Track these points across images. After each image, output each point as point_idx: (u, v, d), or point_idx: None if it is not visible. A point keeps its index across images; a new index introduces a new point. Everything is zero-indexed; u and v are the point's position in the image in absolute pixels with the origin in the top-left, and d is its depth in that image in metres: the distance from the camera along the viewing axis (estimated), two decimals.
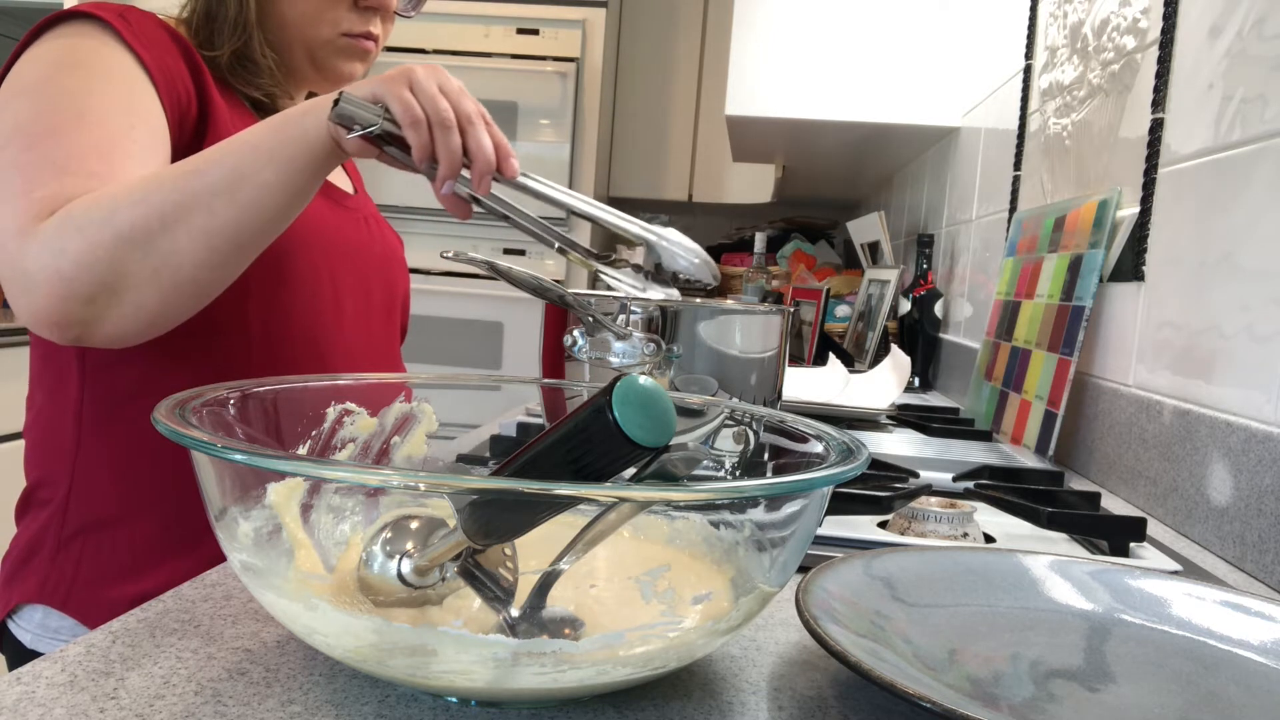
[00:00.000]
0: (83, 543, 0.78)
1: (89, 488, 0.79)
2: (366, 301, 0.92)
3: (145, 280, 0.66)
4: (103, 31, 0.75)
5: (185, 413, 0.41)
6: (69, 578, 0.78)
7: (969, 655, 0.45)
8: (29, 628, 0.79)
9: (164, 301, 0.68)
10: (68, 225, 0.65)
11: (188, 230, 0.66)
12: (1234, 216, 0.79)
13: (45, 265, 0.65)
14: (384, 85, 0.70)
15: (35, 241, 0.65)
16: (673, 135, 3.25)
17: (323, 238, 0.86)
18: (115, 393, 0.79)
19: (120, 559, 0.78)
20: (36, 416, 0.83)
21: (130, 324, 0.68)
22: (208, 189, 0.67)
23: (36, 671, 0.39)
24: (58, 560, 0.78)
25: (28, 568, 0.79)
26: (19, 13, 2.80)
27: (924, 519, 0.67)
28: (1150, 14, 1.00)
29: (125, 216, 0.65)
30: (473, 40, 2.83)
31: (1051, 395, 1.07)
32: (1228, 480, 0.74)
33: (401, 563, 0.40)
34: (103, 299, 0.66)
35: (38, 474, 0.82)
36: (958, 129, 1.88)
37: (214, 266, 0.69)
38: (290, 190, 0.69)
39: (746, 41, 1.93)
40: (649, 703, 0.40)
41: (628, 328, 0.74)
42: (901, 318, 1.83)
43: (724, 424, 0.55)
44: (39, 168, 0.68)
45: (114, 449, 0.79)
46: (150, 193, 0.66)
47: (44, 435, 0.82)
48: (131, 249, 0.65)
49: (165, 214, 0.66)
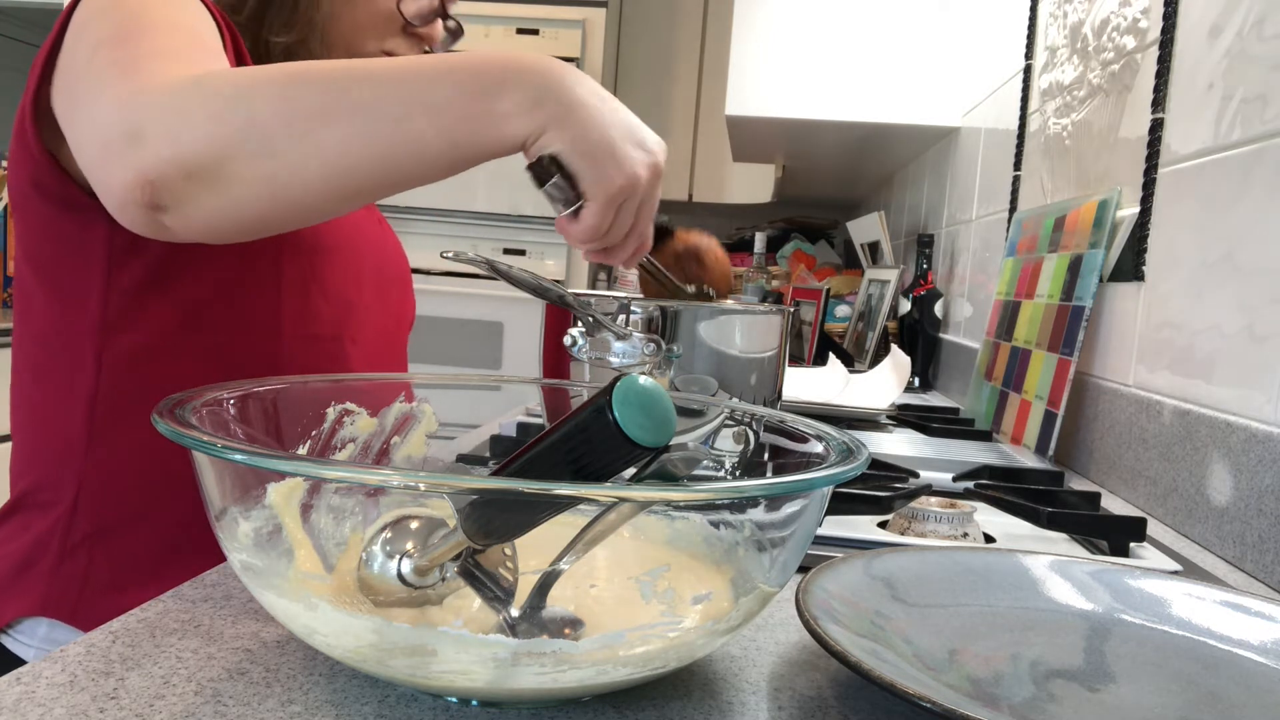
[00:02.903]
0: (91, 549, 0.75)
1: (101, 490, 0.76)
2: (385, 302, 0.92)
3: (255, 182, 0.59)
4: None
5: (185, 413, 0.41)
6: (77, 588, 0.74)
7: (969, 655, 0.45)
8: (31, 643, 0.75)
9: (264, 212, 0.61)
10: (196, 90, 0.58)
11: (321, 154, 0.59)
12: (1234, 216, 0.79)
13: (161, 121, 0.57)
14: (605, 185, 0.60)
15: (157, 96, 0.58)
16: (673, 135, 3.25)
17: (352, 239, 0.86)
18: (136, 389, 0.76)
19: (136, 563, 0.75)
20: (32, 416, 0.79)
21: (218, 219, 0.60)
22: (363, 124, 0.59)
23: (36, 671, 0.39)
24: (62, 570, 0.75)
25: (25, 579, 0.75)
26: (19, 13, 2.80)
27: (924, 519, 0.67)
28: (1150, 14, 1.00)
29: (263, 105, 0.58)
30: (473, 40, 2.83)
31: (1051, 395, 1.07)
32: (1228, 480, 0.74)
33: (401, 563, 0.40)
34: (203, 178, 0.58)
35: (33, 477, 0.78)
36: (958, 129, 1.88)
37: (330, 199, 0.62)
38: (448, 166, 0.62)
39: (746, 41, 1.93)
40: (649, 703, 0.40)
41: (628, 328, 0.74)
42: (901, 318, 1.83)
43: (724, 424, 0.55)
44: (137, 56, 0.62)
45: (132, 448, 0.76)
46: (297, 92, 0.59)
47: (44, 436, 0.78)
48: (259, 144, 0.58)
49: (309, 124, 0.58)
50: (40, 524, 0.76)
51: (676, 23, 3.22)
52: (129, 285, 0.75)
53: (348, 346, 0.86)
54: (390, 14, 0.87)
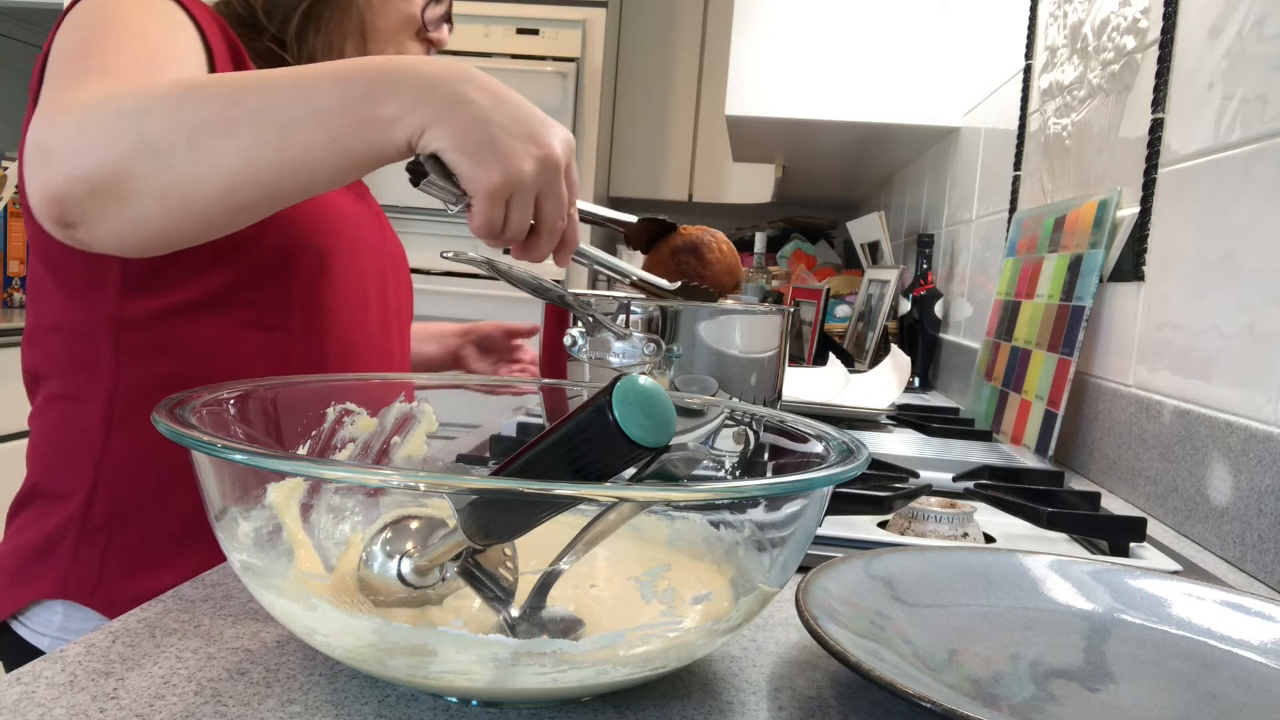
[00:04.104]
0: (108, 536, 0.76)
1: (117, 479, 0.77)
2: (386, 299, 0.93)
3: (153, 196, 0.60)
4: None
5: (185, 412, 0.41)
6: (95, 570, 0.76)
7: (969, 655, 0.45)
8: (47, 631, 0.76)
9: (167, 223, 0.62)
10: (98, 106, 0.61)
11: (212, 165, 0.60)
12: (1234, 216, 0.79)
13: (63, 139, 0.60)
14: (484, 180, 0.60)
15: (64, 115, 0.61)
16: (673, 135, 3.25)
17: (356, 236, 0.87)
18: (152, 384, 0.77)
19: (152, 548, 0.76)
20: (48, 408, 0.80)
21: (128, 233, 0.63)
22: (252, 134, 0.59)
23: (36, 671, 0.39)
24: (80, 553, 0.76)
25: (43, 564, 0.77)
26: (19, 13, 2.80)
27: (924, 519, 0.67)
28: (1150, 14, 1.00)
29: (154, 121, 0.59)
30: (473, 40, 2.83)
31: (1051, 395, 1.07)
32: (1228, 480, 0.74)
33: (401, 563, 0.40)
34: (104, 193, 0.60)
35: (50, 468, 0.80)
36: (958, 129, 1.88)
37: (229, 210, 0.63)
38: (339, 173, 0.63)
39: (746, 41, 1.93)
40: (649, 703, 0.40)
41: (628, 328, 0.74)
42: (901, 318, 1.83)
43: (724, 424, 0.55)
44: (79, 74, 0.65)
45: (149, 439, 0.76)
46: (189, 105, 0.60)
47: (62, 428, 0.79)
48: (149, 157, 0.59)
49: (195, 137, 0.59)
50: (57, 512, 0.78)
51: (676, 23, 3.22)
52: (141, 281, 0.76)
53: (356, 343, 0.86)
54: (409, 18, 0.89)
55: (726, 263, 0.89)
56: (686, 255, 0.88)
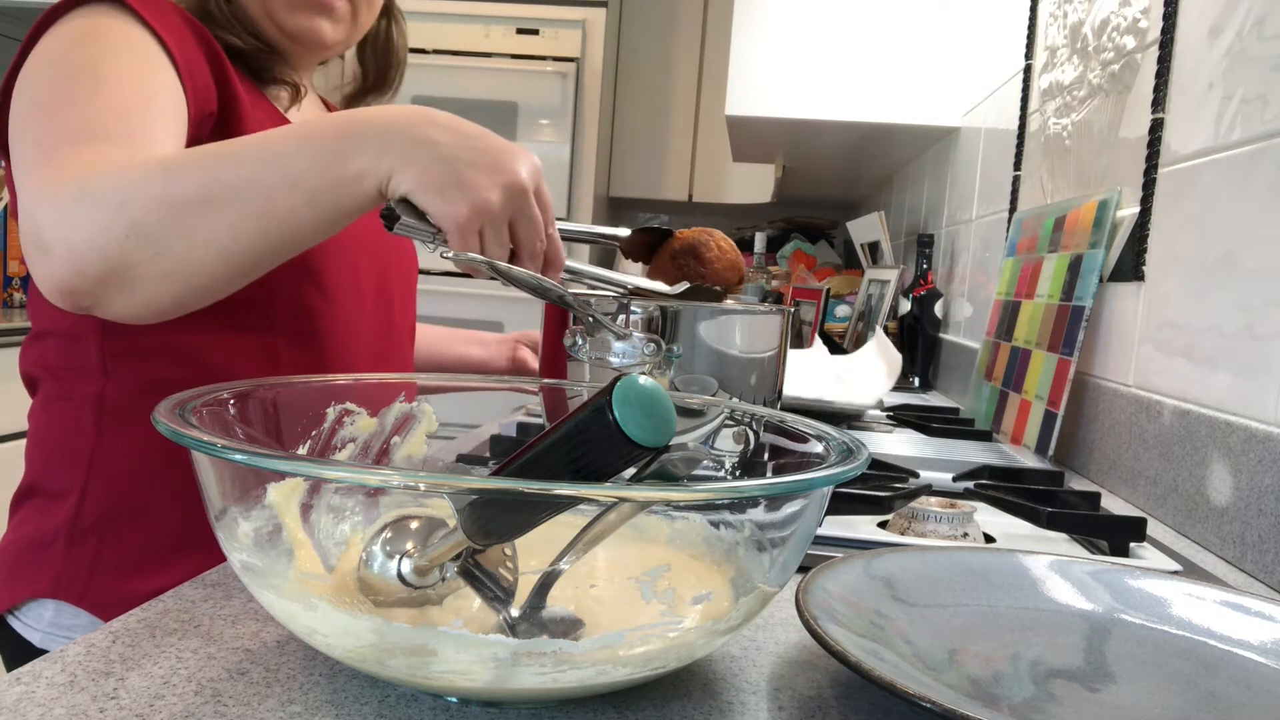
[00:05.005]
0: (100, 536, 0.77)
1: (109, 481, 0.78)
2: (386, 295, 0.92)
3: (156, 279, 0.63)
4: (122, 11, 0.75)
5: (185, 412, 0.41)
6: (86, 572, 0.76)
7: (969, 655, 0.45)
8: (39, 626, 0.77)
9: (175, 299, 0.65)
10: (84, 198, 0.62)
11: (204, 243, 0.62)
12: (1234, 216, 0.79)
13: (59, 236, 0.61)
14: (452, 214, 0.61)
15: (53, 207, 0.62)
16: (673, 135, 3.25)
17: (345, 234, 0.86)
18: (139, 386, 0.78)
19: (141, 552, 0.77)
20: (44, 409, 0.81)
21: (142, 310, 0.65)
22: (236, 208, 0.62)
23: (36, 671, 0.39)
24: (72, 554, 0.77)
25: (37, 562, 0.78)
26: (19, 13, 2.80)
27: (924, 519, 0.67)
28: (1150, 14, 1.00)
29: (141, 207, 0.61)
30: (473, 40, 2.83)
31: (1051, 395, 1.07)
32: (1228, 480, 0.74)
33: (401, 563, 0.40)
34: (110, 282, 0.62)
35: (45, 467, 0.81)
36: (958, 129, 1.88)
37: (230, 278, 0.65)
38: (325, 228, 0.65)
39: (746, 41, 1.93)
40: (649, 703, 0.40)
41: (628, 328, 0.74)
42: (901, 318, 1.83)
43: (724, 424, 0.55)
44: (56, 136, 0.66)
45: (136, 442, 0.78)
46: (171, 188, 0.62)
47: (56, 428, 0.80)
48: (144, 246, 0.61)
49: (183, 218, 0.61)
50: (52, 510, 0.79)
51: (676, 23, 3.22)
52: None
53: (349, 342, 0.86)
54: None
55: (727, 259, 0.89)
56: (686, 258, 0.88)
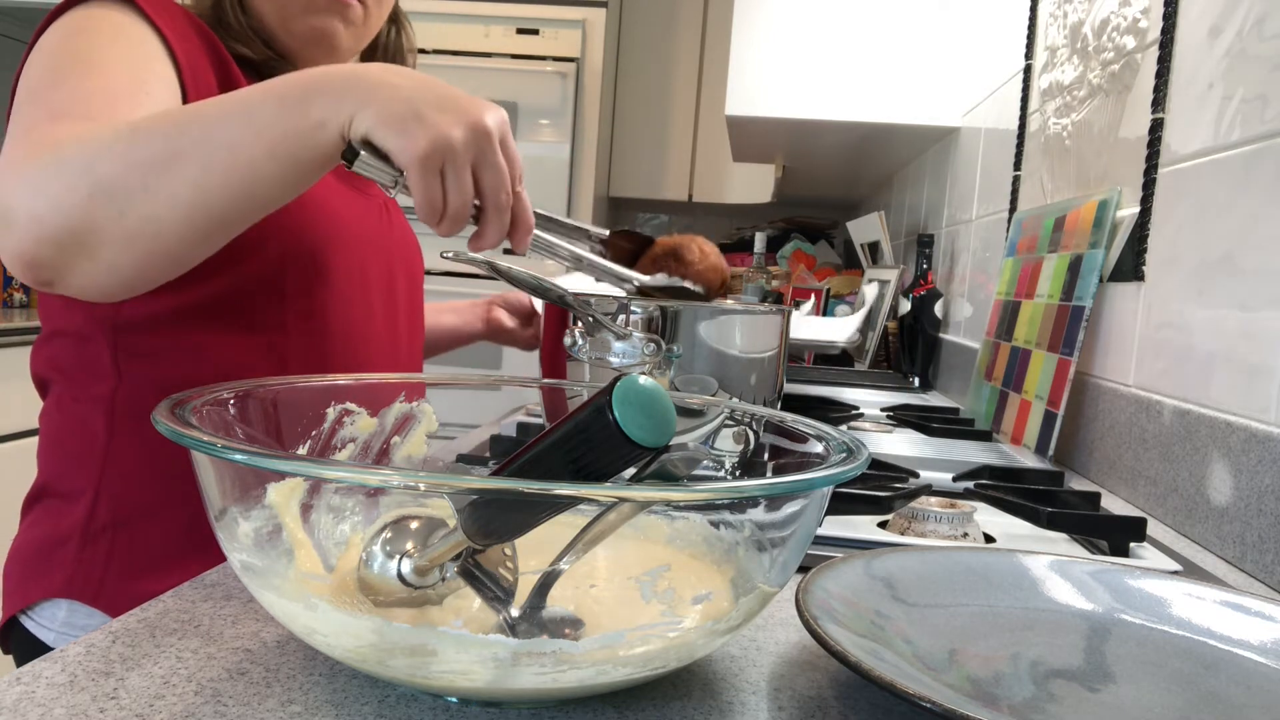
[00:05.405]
0: (113, 536, 0.77)
1: (121, 482, 0.78)
2: (393, 293, 0.92)
3: (119, 241, 0.62)
4: (127, 7, 0.75)
5: (185, 412, 0.41)
6: (99, 572, 0.76)
7: (969, 655, 0.45)
8: (52, 626, 0.77)
9: (138, 265, 0.64)
10: (52, 163, 0.62)
11: (169, 199, 0.61)
12: (1234, 216, 0.79)
13: (23, 202, 0.61)
14: (411, 148, 0.60)
15: (21, 177, 0.62)
16: (673, 135, 3.25)
17: (352, 232, 0.86)
18: (151, 387, 0.78)
19: (154, 552, 0.77)
20: (56, 410, 0.81)
21: (104, 280, 0.64)
22: (199, 161, 0.61)
23: (36, 671, 0.39)
24: (86, 554, 0.77)
25: (50, 562, 0.77)
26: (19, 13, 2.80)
27: (924, 519, 0.67)
28: (1150, 14, 1.00)
29: (106, 169, 0.61)
30: (473, 40, 2.83)
31: (1051, 395, 1.07)
32: (1228, 480, 0.74)
33: (401, 563, 0.40)
34: (73, 248, 0.61)
35: (57, 468, 0.81)
36: (958, 129, 1.88)
37: (195, 241, 0.64)
38: (290, 183, 0.64)
39: (746, 41, 1.93)
40: (649, 703, 0.40)
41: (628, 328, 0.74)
42: (901, 318, 1.83)
43: (724, 424, 0.55)
44: (38, 116, 0.66)
45: (149, 443, 0.77)
46: (136, 147, 0.61)
47: (67, 429, 0.80)
48: (108, 205, 0.61)
49: (147, 176, 0.61)
50: (64, 511, 0.79)
51: (676, 23, 3.22)
52: None
53: (359, 341, 0.86)
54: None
55: (709, 262, 0.89)
56: (666, 259, 0.89)
